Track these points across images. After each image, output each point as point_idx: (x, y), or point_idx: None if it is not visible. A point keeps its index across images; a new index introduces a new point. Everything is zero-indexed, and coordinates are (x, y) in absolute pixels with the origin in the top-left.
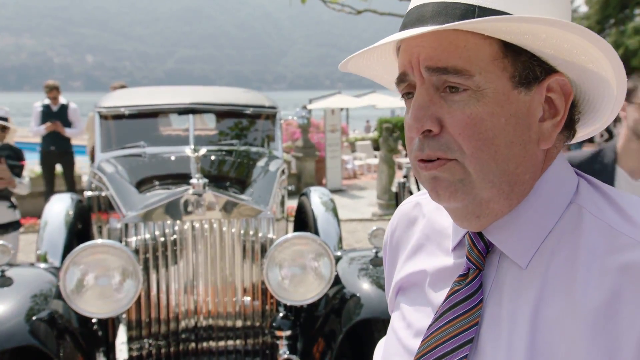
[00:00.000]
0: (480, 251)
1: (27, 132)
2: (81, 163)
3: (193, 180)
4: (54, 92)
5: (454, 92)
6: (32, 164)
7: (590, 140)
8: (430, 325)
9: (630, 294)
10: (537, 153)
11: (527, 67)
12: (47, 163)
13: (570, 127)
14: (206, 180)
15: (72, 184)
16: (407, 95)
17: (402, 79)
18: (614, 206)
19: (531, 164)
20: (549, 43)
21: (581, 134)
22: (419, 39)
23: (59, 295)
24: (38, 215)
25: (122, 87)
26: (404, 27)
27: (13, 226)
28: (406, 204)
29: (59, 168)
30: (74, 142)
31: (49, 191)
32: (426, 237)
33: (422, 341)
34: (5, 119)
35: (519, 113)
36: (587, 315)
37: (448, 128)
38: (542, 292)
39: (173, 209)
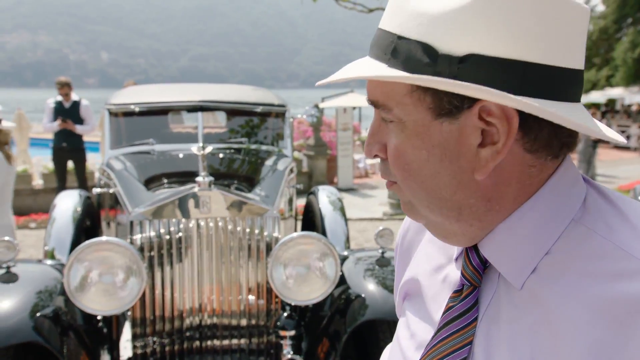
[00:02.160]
0: (475, 267)
1: (41, 128)
2: (94, 159)
3: (199, 178)
4: (66, 88)
5: (389, 122)
6: (45, 160)
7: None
8: (429, 342)
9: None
10: (475, 180)
11: (443, 98)
12: (58, 159)
13: (551, 145)
14: (212, 179)
15: (83, 181)
16: None
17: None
18: (626, 224)
19: (474, 190)
20: (457, 89)
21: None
22: None
23: (63, 292)
24: None
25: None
26: (370, 47)
27: None
28: None
29: (71, 164)
30: (87, 138)
31: (61, 187)
32: (432, 243)
33: (421, 357)
34: None
35: (445, 143)
36: (586, 347)
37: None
38: (536, 318)
39: (179, 207)
